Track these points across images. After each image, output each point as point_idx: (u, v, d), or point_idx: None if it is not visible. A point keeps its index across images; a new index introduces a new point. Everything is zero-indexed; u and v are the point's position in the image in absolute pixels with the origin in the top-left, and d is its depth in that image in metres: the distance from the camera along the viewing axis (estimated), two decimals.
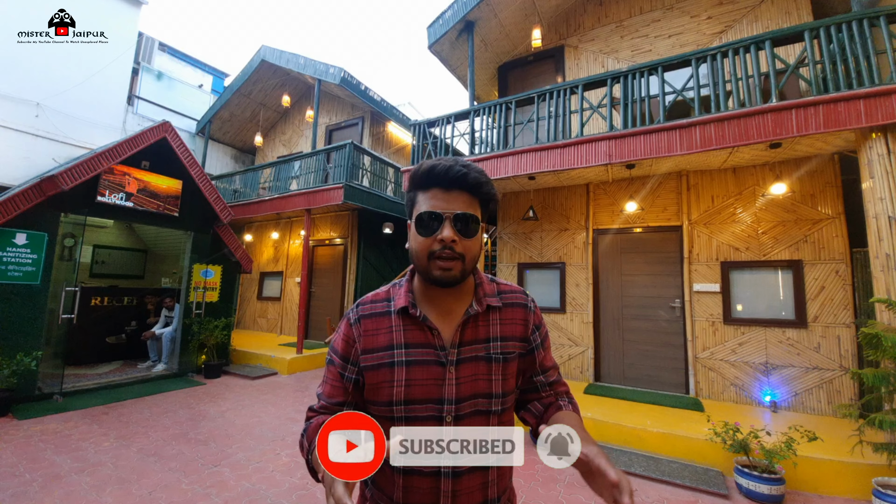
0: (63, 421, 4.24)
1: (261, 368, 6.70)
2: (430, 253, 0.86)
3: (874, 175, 3.49)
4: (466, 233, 0.87)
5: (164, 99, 11.12)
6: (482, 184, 0.89)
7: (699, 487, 3.09)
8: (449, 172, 0.87)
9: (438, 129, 6.26)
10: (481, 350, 0.92)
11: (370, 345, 0.92)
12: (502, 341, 0.94)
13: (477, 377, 0.90)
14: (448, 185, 0.87)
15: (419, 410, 0.87)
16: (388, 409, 0.88)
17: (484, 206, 0.92)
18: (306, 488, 3.02)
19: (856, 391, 4.09)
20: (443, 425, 0.86)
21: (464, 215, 0.86)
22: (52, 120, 7.44)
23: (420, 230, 0.88)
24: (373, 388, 0.90)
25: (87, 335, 6.46)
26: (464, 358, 0.90)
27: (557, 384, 1.02)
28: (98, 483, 2.98)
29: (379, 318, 0.95)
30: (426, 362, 0.89)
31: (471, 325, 0.93)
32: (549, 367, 1.02)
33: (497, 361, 0.92)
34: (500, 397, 0.91)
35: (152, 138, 5.89)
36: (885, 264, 3.34)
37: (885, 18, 3.62)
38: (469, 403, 0.88)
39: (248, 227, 10.43)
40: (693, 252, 5.04)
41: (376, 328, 0.93)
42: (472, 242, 0.88)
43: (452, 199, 0.87)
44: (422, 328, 0.91)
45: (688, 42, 5.85)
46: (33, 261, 4.88)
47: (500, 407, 0.91)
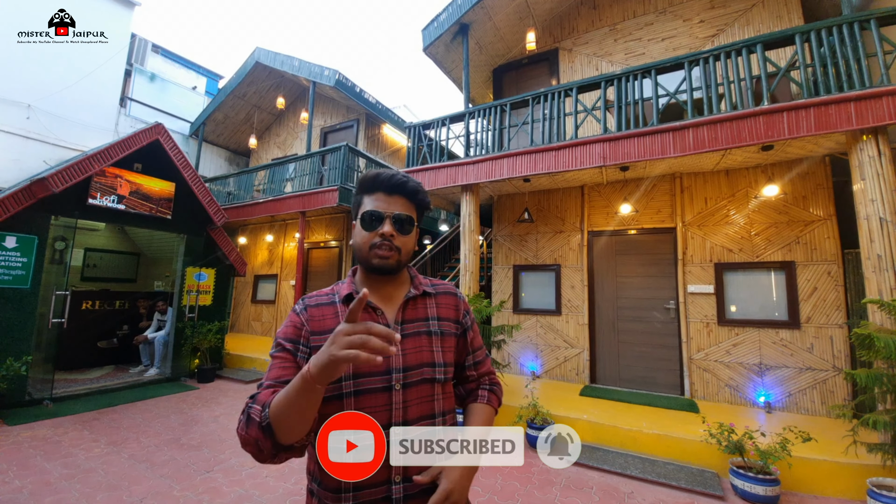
0: (53, 427, 4.17)
1: (255, 372, 6.64)
2: (371, 244, 1.00)
3: (865, 177, 3.53)
4: (403, 230, 1.02)
5: (157, 101, 11.04)
6: (418, 191, 1.06)
7: (695, 489, 3.09)
8: (391, 180, 1.04)
9: (433, 132, 6.26)
10: (422, 326, 1.05)
11: (318, 328, 0.99)
12: (439, 320, 1.08)
13: (421, 349, 1.01)
14: (390, 190, 1.04)
15: (367, 383, 0.94)
16: (337, 387, 0.93)
17: (419, 211, 1.08)
18: (300, 493, 2.99)
19: (849, 391, 4.12)
20: (392, 393, 0.95)
21: (402, 216, 1.02)
22: (44, 122, 7.35)
23: (364, 226, 1.02)
24: None
25: (77, 340, 6.37)
26: (407, 333, 1.02)
27: (482, 365, 1.19)
28: (89, 490, 2.93)
29: (324, 307, 1.04)
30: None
31: (410, 306, 1.06)
32: (478, 348, 1.19)
33: (437, 335, 1.05)
34: (443, 366, 1.03)
35: (145, 140, 5.83)
36: (877, 265, 3.37)
37: (875, 21, 3.67)
38: (416, 372, 0.99)
39: (243, 229, 10.36)
40: (687, 254, 5.07)
41: (322, 315, 1.02)
42: (407, 239, 1.03)
43: (393, 202, 1.03)
44: (366, 310, 1.01)
45: (681, 45, 5.90)
46: (23, 264, 4.82)
47: (444, 376, 1.03)
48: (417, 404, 0.97)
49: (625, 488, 3.18)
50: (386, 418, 0.93)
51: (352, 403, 0.92)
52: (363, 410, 0.91)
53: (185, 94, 12.11)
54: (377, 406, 0.93)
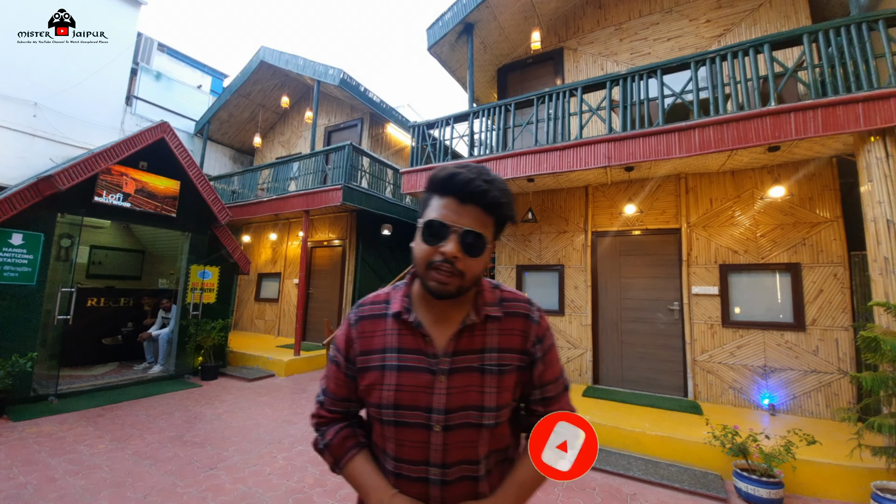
0: (58, 423, 4.20)
1: (258, 370, 6.67)
2: (429, 262, 0.82)
3: (872, 178, 3.50)
4: (472, 251, 0.82)
5: (162, 99, 11.09)
6: (501, 204, 0.84)
7: (698, 491, 3.07)
8: (468, 185, 0.81)
9: (437, 131, 6.25)
10: (475, 361, 0.88)
11: (366, 346, 0.93)
12: (499, 352, 0.89)
13: (468, 388, 0.86)
14: (464, 198, 0.82)
15: (407, 416, 0.86)
16: (377, 412, 0.89)
17: (498, 226, 0.88)
18: (303, 491, 3.00)
19: (854, 394, 4.08)
20: (430, 433, 0.85)
21: (472, 233, 0.81)
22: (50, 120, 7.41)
23: (426, 236, 0.84)
24: (365, 389, 0.91)
25: (82, 336, 6.41)
26: (457, 368, 0.87)
27: (554, 402, 0.95)
28: (93, 486, 2.95)
29: (376, 320, 0.95)
30: (416, 369, 0.87)
31: (466, 335, 0.89)
32: (548, 382, 0.94)
33: (491, 373, 0.88)
34: (493, 410, 0.86)
35: (150, 139, 5.86)
36: (884, 267, 3.34)
37: (883, 22, 3.63)
38: (460, 415, 0.85)
39: (246, 228, 10.40)
40: (692, 255, 5.04)
41: (372, 330, 0.94)
42: (475, 262, 0.83)
43: (465, 214, 0.82)
44: (415, 334, 0.90)
45: (687, 45, 5.87)
46: (29, 261, 4.85)
47: (494, 421, 0.87)
48: (459, 449, 0.86)
49: (627, 490, 3.17)
50: (423, 455, 0.86)
51: (391, 431, 0.88)
52: (402, 442, 0.87)
53: (190, 93, 12.16)
54: (415, 441, 0.86)
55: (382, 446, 0.92)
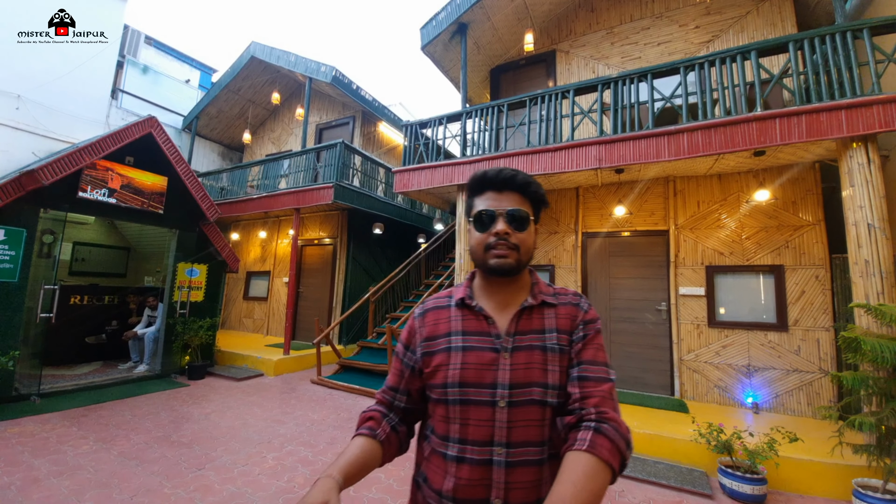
0: (41, 423, 4.11)
1: (247, 370, 6.60)
2: (486, 245, 0.95)
3: (854, 183, 3.60)
4: (519, 227, 0.95)
5: (149, 93, 10.90)
6: (530, 183, 0.98)
7: (684, 487, 3.13)
8: (499, 175, 0.98)
9: (430, 131, 6.26)
10: (536, 340, 0.94)
11: (431, 333, 1.01)
12: (558, 333, 0.95)
13: (531, 365, 0.91)
14: (500, 187, 0.98)
15: (472, 394, 0.90)
16: (443, 392, 0.93)
17: (535, 206, 1.00)
18: (293, 491, 2.99)
19: (835, 393, 4.20)
20: (495, 409, 0.89)
21: (515, 210, 0.95)
22: (33, 113, 7.22)
23: (477, 227, 0.98)
24: (431, 372, 0.97)
25: (65, 335, 6.28)
26: (519, 346, 0.93)
27: (588, 384, 0.88)
28: (77, 487, 2.90)
29: (440, 310, 1.04)
30: (480, 348, 0.94)
31: (525, 316, 0.97)
32: (586, 361, 0.91)
33: (553, 351, 0.93)
34: (556, 388, 0.89)
35: (137, 133, 5.76)
36: (864, 270, 3.44)
37: (868, 31, 3.73)
38: (523, 391, 0.89)
39: (235, 225, 10.27)
40: (679, 256, 5.13)
41: (436, 319, 1.02)
42: (525, 235, 0.95)
43: (504, 199, 0.97)
44: (478, 317, 0.98)
45: (676, 50, 5.96)
46: (11, 258, 4.74)
47: (556, 399, 0.89)
48: (524, 427, 0.88)
49: (615, 487, 3.21)
50: (488, 434, 0.88)
51: (457, 411, 0.91)
52: (467, 421, 0.90)
53: (178, 88, 11.96)
54: (480, 420, 0.89)
55: (445, 432, 0.93)
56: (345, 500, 2.88)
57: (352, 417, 4.74)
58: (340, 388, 5.86)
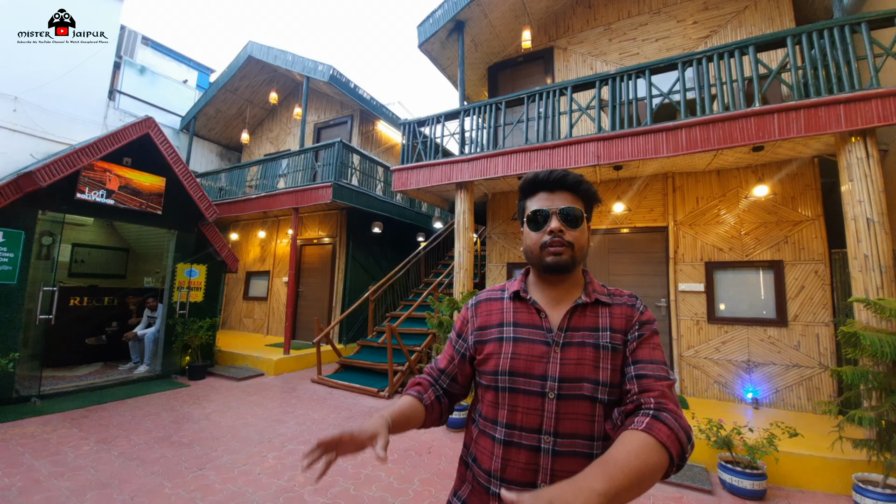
0: (41, 424, 4.11)
1: (247, 369, 6.61)
2: (542, 244, 0.98)
3: (853, 178, 3.59)
4: (572, 225, 0.97)
5: (146, 94, 10.88)
6: (580, 182, 1.01)
7: (683, 483, 3.14)
8: (550, 176, 1.01)
9: (428, 129, 6.24)
10: (589, 337, 0.95)
11: (484, 322, 1.05)
12: (612, 332, 0.96)
13: (583, 361, 0.92)
14: (551, 187, 1.01)
15: (522, 383, 0.93)
16: (493, 379, 0.97)
17: (587, 203, 1.02)
18: (293, 490, 2.99)
19: (835, 388, 4.20)
20: (545, 400, 0.91)
21: (569, 209, 0.98)
22: (31, 114, 7.20)
23: (532, 226, 1.00)
24: (483, 359, 1.01)
25: (65, 336, 6.28)
26: (570, 342, 0.94)
27: (646, 380, 0.88)
28: (78, 488, 2.90)
29: (493, 302, 1.08)
30: (532, 340, 0.97)
31: (578, 314, 0.98)
32: (642, 360, 0.91)
33: (605, 349, 0.93)
34: (607, 386, 0.90)
35: (135, 134, 5.75)
36: (864, 265, 3.44)
37: (866, 24, 3.72)
38: (573, 385, 0.90)
39: (234, 225, 10.27)
40: (678, 252, 5.12)
41: (489, 310, 1.07)
42: (578, 233, 0.98)
43: (556, 198, 0.99)
44: (530, 311, 1.01)
45: (674, 46, 5.94)
46: (10, 259, 4.73)
47: (608, 397, 0.90)
48: (572, 420, 0.89)
49: None
50: (537, 423, 0.91)
51: (505, 398, 0.94)
52: (516, 408, 0.93)
53: (175, 88, 11.94)
54: (529, 408, 0.92)
55: (493, 416, 0.97)
56: (346, 498, 2.89)
57: (352, 416, 4.74)
58: (341, 387, 5.87)
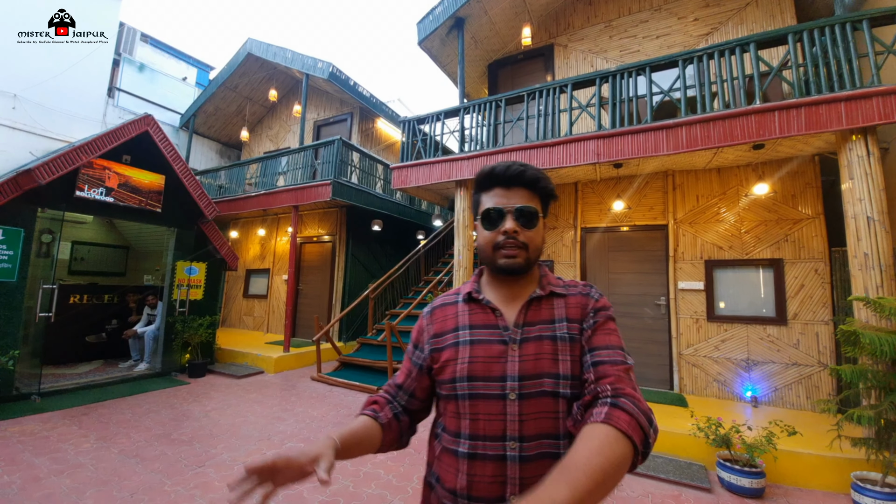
0: (42, 422, 4.12)
1: (247, 367, 6.61)
2: (495, 244, 0.93)
3: (854, 176, 3.58)
4: (528, 224, 0.93)
5: (146, 91, 10.85)
6: (539, 179, 0.95)
7: (682, 481, 3.14)
8: (507, 171, 0.95)
9: (428, 127, 6.23)
10: (546, 330, 0.92)
11: (439, 329, 1.00)
12: (569, 322, 0.93)
13: (541, 356, 0.89)
14: (508, 183, 0.95)
15: (481, 387, 0.88)
16: (452, 387, 0.92)
17: (544, 201, 0.98)
18: (293, 488, 3.00)
19: (834, 387, 4.20)
20: (506, 402, 0.86)
21: (524, 208, 0.93)
22: (30, 112, 7.19)
23: (485, 225, 0.95)
24: (440, 368, 0.96)
25: (65, 334, 6.28)
26: (527, 337, 0.91)
27: (602, 366, 0.84)
28: (78, 485, 2.91)
29: (447, 307, 1.04)
30: (488, 341, 0.93)
31: (534, 307, 0.95)
32: (597, 347, 0.88)
33: (563, 340, 0.90)
34: (568, 379, 0.86)
35: (134, 132, 5.73)
36: (864, 263, 3.43)
37: (867, 22, 3.70)
38: (534, 382, 0.86)
39: (234, 223, 10.26)
40: (678, 251, 5.12)
41: (444, 315, 1.02)
42: (533, 233, 0.93)
43: (513, 196, 0.94)
44: (485, 311, 0.97)
45: (675, 43, 5.92)
46: (9, 257, 4.73)
47: (570, 390, 0.86)
48: (535, 419, 0.85)
49: None
50: (500, 429, 0.86)
51: (466, 406, 0.89)
52: (477, 416, 0.88)
53: (174, 85, 11.91)
54: (491, 414, 0.87)
55: (456, 428, 0.91)
56: (345, 496, 2.90)
57: (352, 414, 4.75)
58: (340, 385, 5.87)
